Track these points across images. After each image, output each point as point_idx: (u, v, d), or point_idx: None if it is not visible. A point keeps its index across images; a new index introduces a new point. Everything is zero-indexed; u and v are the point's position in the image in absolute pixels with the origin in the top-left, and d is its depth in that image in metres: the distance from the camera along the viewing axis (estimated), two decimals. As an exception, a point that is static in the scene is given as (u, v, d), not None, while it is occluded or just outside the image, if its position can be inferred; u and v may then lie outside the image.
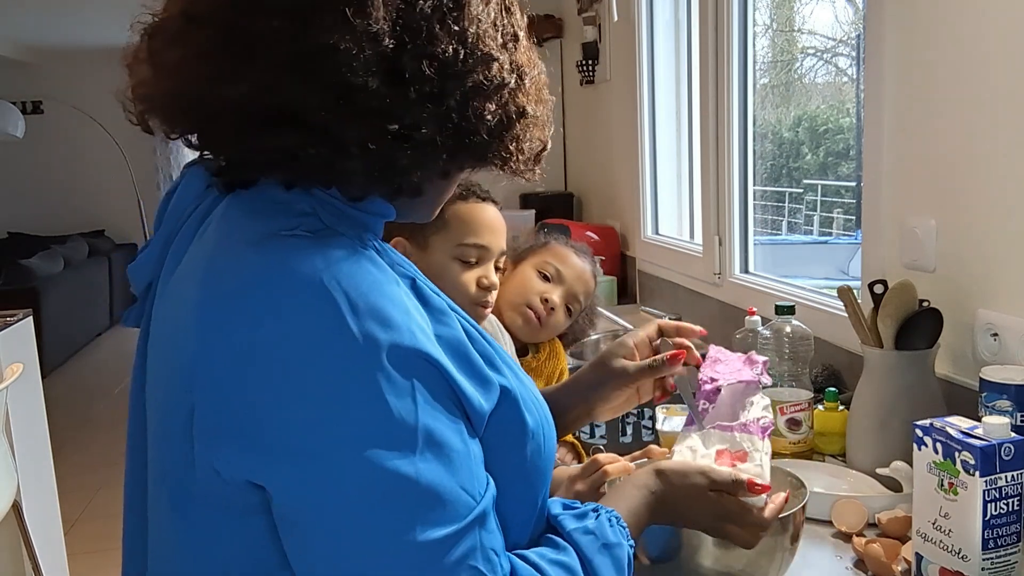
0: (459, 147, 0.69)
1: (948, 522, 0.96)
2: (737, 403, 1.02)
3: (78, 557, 2.99)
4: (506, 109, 0.71)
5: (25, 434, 2.49)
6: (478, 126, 0.69)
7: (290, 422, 0.61)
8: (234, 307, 0.63)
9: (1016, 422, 1.10)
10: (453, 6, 0.67)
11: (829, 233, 3.36)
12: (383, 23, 0.63)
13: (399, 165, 0.67)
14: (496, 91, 0.69)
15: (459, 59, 0.67)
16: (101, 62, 7.75)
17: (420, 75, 0.65)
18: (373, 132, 0.65)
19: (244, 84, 0.64)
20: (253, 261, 0.65)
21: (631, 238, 3.09)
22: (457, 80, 0.67)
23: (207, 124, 0.69)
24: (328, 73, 0.63)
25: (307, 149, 0.65)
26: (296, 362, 0.61)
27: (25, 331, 2.59)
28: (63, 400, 5.05)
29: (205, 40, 0.65)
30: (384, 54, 0.64)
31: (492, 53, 0.69)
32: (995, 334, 1.30)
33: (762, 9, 2.49)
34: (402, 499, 0.61)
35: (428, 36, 0.65)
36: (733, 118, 2.28)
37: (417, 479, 0.61)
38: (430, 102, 0.66)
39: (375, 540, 0.61)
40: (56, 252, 6.15)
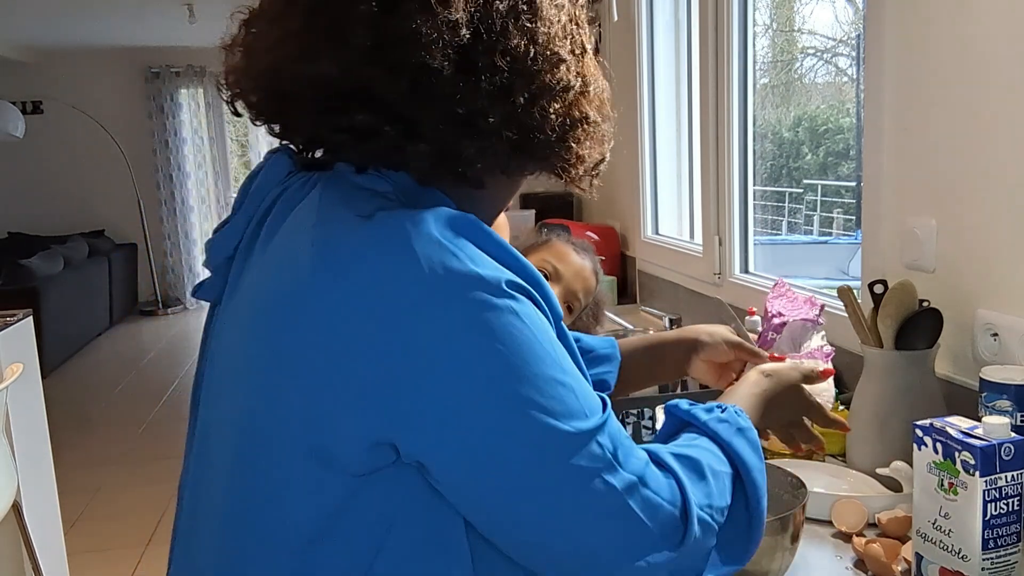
0: (522, 143, 0.72)
1: (948, 522, 0.96)
2: (798, 337, 1.19)
3: (78, 557, 2.99)
4: (570, 112, 0.74)
5: (25, 434, 2.49)
6: (542, 124, 0.72)
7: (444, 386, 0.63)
8: (361, 274, 0.64)
9: (1016, 422, 1.10)
10: (527, 7, 0.71)
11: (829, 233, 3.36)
12: (463, 14, 0.67)
13: (464, 153, 0.71)
14: (562, 92, 0.73)
15: (529, 56, 0.70)
16: (101, 62, 7.76)
17: (492, 67, 0.69)
18: (443, 116, 0.69)
19: (327, 63, 0.68)
20: (369, 230, 0.66)
21: (631, 238, 3.09)
22: (526, 76, 0.71)
23: (288, 103, 0.73)
24: (407, 57, 0.67)
25: (381, 128, 0.69)
26: (438, 324, 0.63)
27: (25, 331, 2.59)
28: (63, 400, 5.05)
29: (297, 21, 0.69)
30: (461, 44, 0.67)
31: (561, 55, 0.73)
32: (995, 334, 1.30)
33: (762, 9, 2.49)
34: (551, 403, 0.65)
35: (502, 31, 0.69)
36: (733, 118, 2.28)
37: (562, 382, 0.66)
38: (499, 94, 0.69)
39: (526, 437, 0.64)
40: (56, 252, 6.14)
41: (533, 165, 0.77)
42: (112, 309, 7.12)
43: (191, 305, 8.07)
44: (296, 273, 0.68)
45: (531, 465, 0.65)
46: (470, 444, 0.64)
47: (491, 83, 0.69)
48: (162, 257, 8.06)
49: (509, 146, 0.72)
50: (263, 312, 0.69)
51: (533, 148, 0.73)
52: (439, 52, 0.67)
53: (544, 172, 0.78)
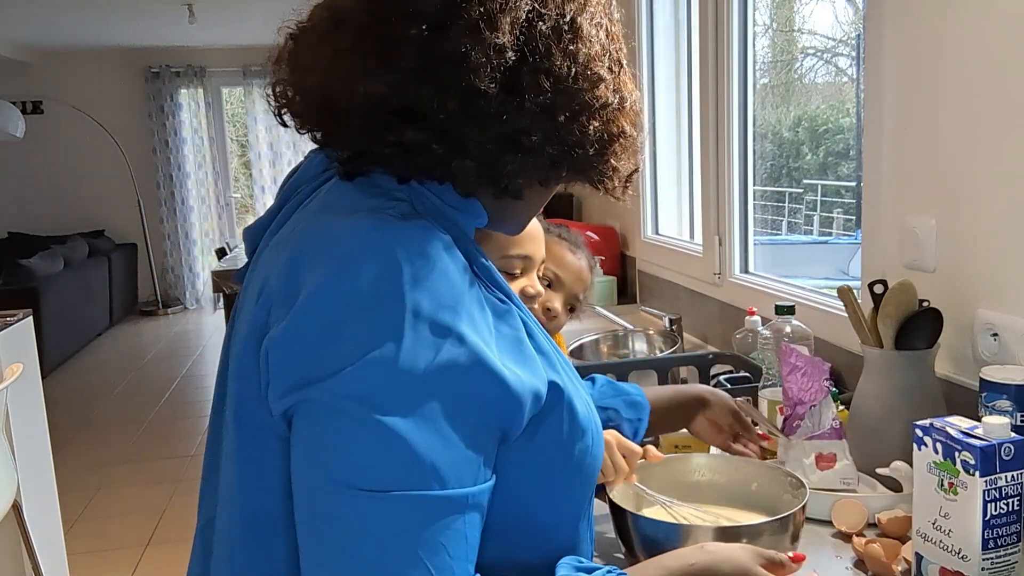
0: (562, 157, 0.75)
1: (948, 522, 0.96)
2: (815, 415, 1.23)
3: (78, 557, 2.99)
4: (608, 128, 0.77)
5: (25, 434, 2.49)
6: (582, 140, 0.75)
7: (325, 353, 0.65)
8: (316, 261, 0.69)
9: (1016, 422, 1.10)
10: (569, 29, 0.73)
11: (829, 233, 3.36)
12: (508, 37, 0.70)
13: (507, 168, 0.74)
14: (601, 110, 0.76)
15: (571, 76, 0.73)
16: (101, 62, 7.76)
17: (536, 88, 0.72)
18: (489, 135, 0.72)
19: (377, 83, 0.70)
20: (342, 226, 0.70)
21: (631, 238, 3.09)
22: (568, 95, 0.73)
23: (337, 119, 0.75)
24: (455, 78, 0.69)
25: (429, 145, 0.72)
26: (349, 310, 0.65)
27: (25, 331, 2.59)
28: (63, 400, 5.05)
29: (347, 41, 0.72)
30: (506, 66, 0.70)
31: (601, 74, 0.75)
32: (995, 334, 1.30)
33: (762, 9, 2.49)
34: (383, 447, 0.64)
35: (546, 53, 0.72)
36: (733, 118, 2.28)
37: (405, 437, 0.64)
38: (542, 113, 0.72)
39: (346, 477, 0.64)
40: (56, 252, 6.14)
41: (571, 177, 0.80)
42: (112, 309, 7.12)
43: (191, 305, 8.08)
44: (276, 266, 0.72)
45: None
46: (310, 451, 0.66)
47: (535, 103, 0.72)
48: (162, 257, 8.06)
49: (550, 161, 0.75)
50: (254, 298, 0.74)
51: (572, 162, 0.76)
52: (486, 74, 0.69)
53: (581, 181, 0.81)
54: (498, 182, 0.75)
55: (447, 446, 0.65)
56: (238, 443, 0.73)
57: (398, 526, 0.63)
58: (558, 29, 0.73)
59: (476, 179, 0.75)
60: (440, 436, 0.65)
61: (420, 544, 0.64)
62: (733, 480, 1.12)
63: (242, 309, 0.78)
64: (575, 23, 0.74)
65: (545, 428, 0.73)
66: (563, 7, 0.74)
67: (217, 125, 8.09)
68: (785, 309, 1.61)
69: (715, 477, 1.12)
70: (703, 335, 2.34)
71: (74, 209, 7.87)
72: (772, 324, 1.62)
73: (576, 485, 0.78)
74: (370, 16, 0.71)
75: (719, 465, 1.14)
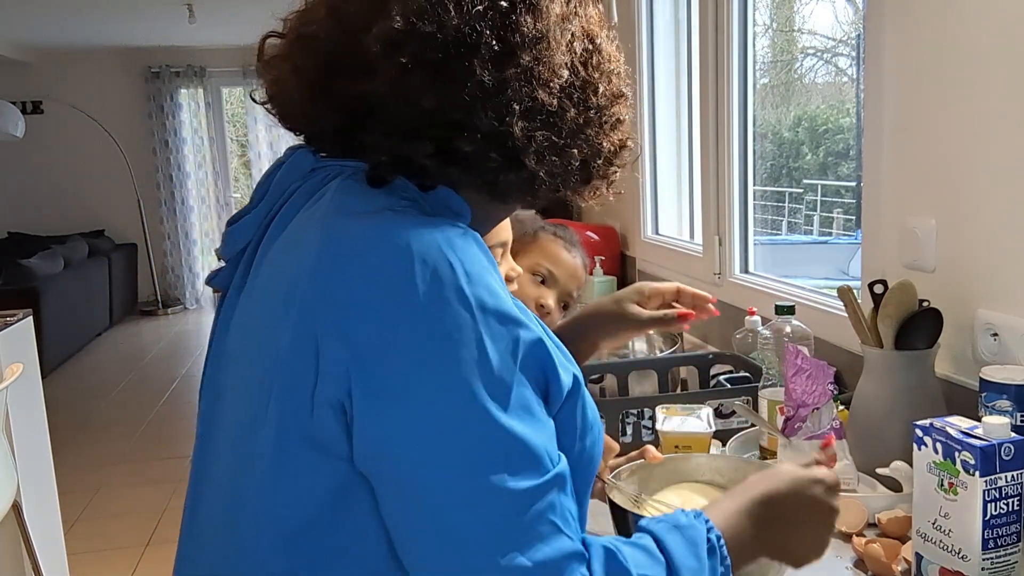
0: (581, 168, 0.79)
1: (948, 522, 0.96)
2: (817, 413, 1.23)
3: (78, 557, 2.99)
4: (623, 141, 0.82)
5: (25, 434, 2.49)
6: (599, 151, 0.80)
7: (402, 368, 0.65)
8: (362, 267, 0.68)
9: (1016, 422, 1.10)
10: (594, 48, 0.79)
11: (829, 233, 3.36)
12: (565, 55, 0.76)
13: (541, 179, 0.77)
14: (619, 124, 0.81)
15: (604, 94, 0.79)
16: (101, 62, 7.76)
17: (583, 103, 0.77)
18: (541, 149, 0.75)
19: (441, 96, 0.72)
20: (375, 227, 0.70)
21: (631, 238, 3.09)
22: (600, 111, 0.79)
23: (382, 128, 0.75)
24: (522, 94, 0.73)
25: (487, 156, 0.74)
26: (421, 318, 0.66)
27: (25, 331, 2.59)
28: (63, 400, 5.05)
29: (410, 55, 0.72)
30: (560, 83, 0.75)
31: (623, 90, 0.81)
32: (995, 334, 1.30)
33: (762, 9, 2.49)
34: (494, 446, 0.65)
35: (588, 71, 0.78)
36: (733, 118, 2.28)
37: (510, 430, 0.65)
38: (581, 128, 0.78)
39: (464, 482, 0.65)
40: (56, 252, 6.14)
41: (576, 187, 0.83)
42: (112, 309, 7.12)
43: (191, 305, 8.08)
44: (302, 262, 0.71)
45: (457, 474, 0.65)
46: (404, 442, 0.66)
47: (578, 119, 0.76)
48: (162, 257, 8.06)
49: (576, 172, 0.79)
50: (272, 301, 0.73)
51: (586, 173, 0.80)
52: (549, 90, 0.73)
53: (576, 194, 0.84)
54: (533, 192, 0.79)
55: (543, 427, 0.68)
56: (276, 457, 0.71)
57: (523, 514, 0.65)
58: (589, 50, 0.78)
59: (517, 190, 0.78)
60: (535, 419, 0.68)
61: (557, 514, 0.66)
62: (733, 480, 1.11)
63: (257, 316, 0.76)
64: (597, 43, 0.79)
65: (563, 418, 0.74)
66: (589, 29, 0.79)
67: (217, 125, 8.09)
68: (785, 309, 1.60)
69: (715, 477, 1.12)
70: (703, 335, 2.34)
71: (74, 209, 7.87)
72: (772, 324, 1.62)
73: (583, 475, 0.78)
74: (437, 32, 0.71)
75: (719, 465, 1.14)
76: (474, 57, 0.71)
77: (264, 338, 0.73)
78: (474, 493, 0.64)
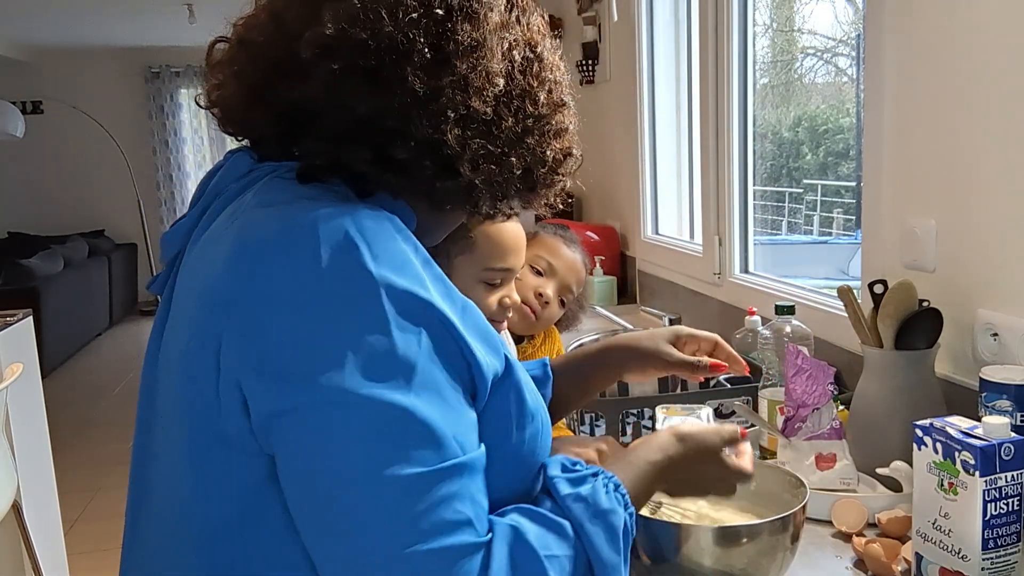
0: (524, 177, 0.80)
1: (948, 522, 0.96)
2: (817, 414, 1.24)
3: (78, 557, 2.99)
4: (566, 149, 0.83)
5: (25, 434, 2.49)
6: (543, 159, 0.80)
7: (304, 349, 0.65)
8: (266, 250, 0.68)
9: (1016, 422, 1.10)
10: (536, 57, 0.80)
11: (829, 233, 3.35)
12: (500, 63, 0.76)
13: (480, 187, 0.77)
14: (562, 132, 0.82)
15: (544, 103, 0.79)
16: (101, 62, 7.76)
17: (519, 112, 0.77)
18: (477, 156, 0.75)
19: (374, 104, 0.72)
20: (285, 214, 0.70)
21: (631, 238, 3.09)
22: (541, 120, 0.79)
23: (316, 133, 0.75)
24: (456, 102, 0.73)
25: (421, 164, 0.74)
26: (317, 297, 0.65)
27: (25, 331, 2.59)
28: (63, 400, 5.05)
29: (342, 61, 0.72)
30: (496, 91, 0.75)
31: (565, 99, 0.82)
32: (995, 334, 1.30)
33: (762, 9, 2.49)
34: (393, 428, 0.64)
35: (526, 80, 0.78)
36: (733, 118, 2.28)
37: (412, 410, 0.64)
38: (519, 136, 0.78)
39: (354, 466, 0.63)
40: (56, 252, 6.14)
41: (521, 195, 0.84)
42: (112, 309, 7.12)
43: (191, 305, 8.07)
44: (216, 259, 0.71)
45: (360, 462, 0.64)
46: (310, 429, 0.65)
47: (515, 127, 0.76)
48: (162, 257, 8.06)
49: (517, 180, 0.79)
50: (188, 301, 0.73)
51: (529, 181, 0.80)
52: (483, 99, 0.73)
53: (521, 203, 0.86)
54: (471, 201, 0.78)
55: (452, 412, 0.67)
56: (192, 456, 0.71)
57: (419, 501, 0.63)
58: (530, 59, 0.78)
59: (454, 197, 0.77)
60: (445, 403, 0.67)
61: (464, 502, 0.65)
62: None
63: (178, 317, 0.76)
64: (537, 52, 0.79)
65: (494, 406, 0.73)
66: (530, 38, 0.79)
67: (217, 125, 8.08)
68: (785, 309, 1.60)
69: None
70: (703, 335, 2.34)
71: (74, 209, 7.87)
72: (772, 324, 1.62)
73: (526, 468, 0.78)
74: (370, 39, 0.72)
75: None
76: (407, 64, 0.71)
77: (182, 339, 0.73)
78: (365, 478, 0.63)
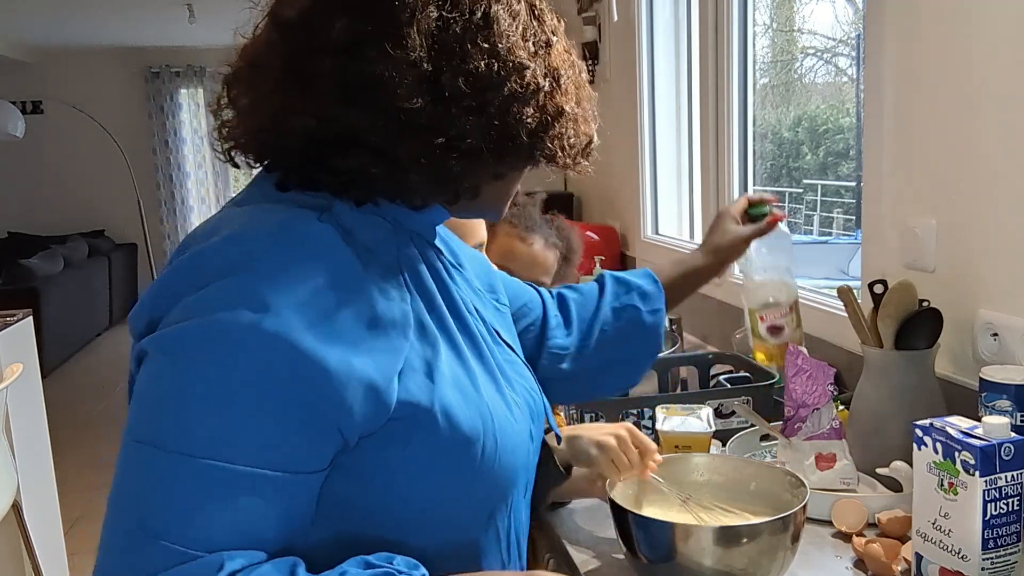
0: (504, 151, 0.75)
1: (948, 522, 0.96)
2: (817, 414, 1.24)
3: (78, 557, 2.99)
4: (544, 111, 0.76)
5: (25, 434, 2.49)
6: (518, 130, 0.75)
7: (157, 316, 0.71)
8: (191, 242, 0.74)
9: (1016, 422, 1.10)
10: (483, 24, 0.73)
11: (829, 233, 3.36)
12: (420, 50, 0.71)
13: (453, 173, 0.74)
14: (532, 96, 0.75)
15: (493, 72, 0.73)
16: (101, 62, 7.76)
17: (459, 91, 0.72)
18: (424, 147, 0.72)
19: (307, 116, 0.73)
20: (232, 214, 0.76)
21: (631, 238, 3.09)
22: (494, 91, 0.73)
23: (283, 155, 0.77)
24: (378, 100, 0.71)
25: (370, 169, 0.73)
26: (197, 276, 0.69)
27: (25, 331, 2.59)
28: (63, 400, 5.05)
29: (269, 83, 0.75)
30: (424, 76, 0.71)
31: (524, 62, 0.74)
32: (995, 334, 1.30)
33: (762, 9, 2.49)
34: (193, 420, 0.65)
35: (462, 55, 0.72)
36: (733, 118, 2.28)
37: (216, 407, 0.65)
38: (472, 114, 0.72)
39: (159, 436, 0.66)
40: (56, 252, 6.14)
41: (522, 164, 0.81)
42: (112, 309, 7.12)
43: (191, 305, 8.07)
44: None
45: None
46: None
47: (462, 106, 0.72)
48: (162, 257, 8.05)
49: (492, 156, 0.75)
50: None
51: (515, 152, 0.76)
52: (405, 91, 0.70)
53: (536, 166, 0.81)
54: (448, 188, 0.76)
55: (254, 421, 0.65)
56: None
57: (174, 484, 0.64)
58: (470, 28, 0.73)
59: (425, 191, 0.76)
60: (246, 410, 0.65)
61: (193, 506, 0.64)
62: (732, 480, 1.12)
63: None
64: (489, 17, 0.74)
65: (418, 438, 0.72)
66: (473, 5, 0.73)
67: (217, 125, 8.09)
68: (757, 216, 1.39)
69: (714, 477, 1.12)
70: (703, 335, 2.34)
71: (74, 209, 7.87)
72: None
73: (478, 490, 0.77)
74: (285, 56, 0.73)
75: (718, 465, 1.14)
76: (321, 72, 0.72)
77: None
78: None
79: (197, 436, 0.65)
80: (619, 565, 1.11)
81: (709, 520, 1.04)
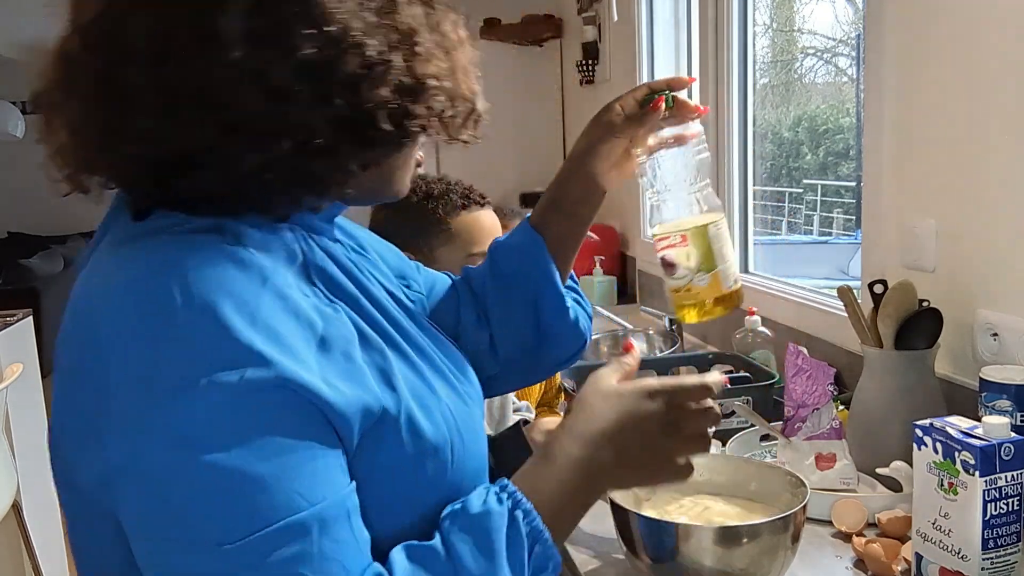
0: (366, 140, 0.65)
1: (948, 522, 0.96)
2: (817, 414, 1.25)
3: (78, 557, 2.98)
4: (401, 88, 0.65)
5: (25, 434, 2.49)
6: (375, 115, 0.64)
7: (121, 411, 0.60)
8: (84, 305, 0.65)
9: (1016, 422, 1.10)
10: (302, 11, 0.62)
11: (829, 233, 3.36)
12: (236, 45, 0.60)
13: (315, 174, 0.65)
14: (381, 75, 0.64)
15: (327, 55, 0.62)
16: (101, 62, 7.76)
17: (292, 87, 0.61)
18: (270, 157, 0.63)
19: (133, 138, 0.63)
20: (114, 258, 0.67)
21: (631, 238, 3.09)
22: (333, 78, 0.62)
23: (127, 180, 0.69)
24: (204, 111, 0.61)
25: (218, 190, 0.64)
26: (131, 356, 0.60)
27: (25, 331, 2.59)
28: (63, 400, 5.04)
29: (85, 106, 0.65)
30: (249, 74, 0.61)
31: (361, 38, 0.63)
32: (995, 334, 1.30)
33: (762, 9, 2.49)
34: (215, 493, 0.58)
35: (287, 43, 0.61)
36: (733, 118, 2.28)
37: (243, 470, 0.58)
38: (314, 108, 0.62)
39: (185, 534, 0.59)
40: (56, 252, 6.15)
41: (394, 149, 0.70)
42: (112, 309, 7.10)
43: (191, 305, 8.06)
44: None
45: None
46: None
47: (300, 102, 0.62)
48: (162, 257, 8.05)
49: (356, 148, 0.65)
50: None
51: (383, 138, 0.66)
52: (232, 97, 0.61)
53: (417, 142, 0.72)
54: (314, 189, 0.67)
55: (291, 463, 0.60)
56: (70, 523, 0.68)
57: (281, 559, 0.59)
58: (289, 9, 0.61)
59: (290, 197, 0.67)
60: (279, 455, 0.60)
61: (309, 565, 0.59)
62: (732, 480, 1.12)
63: None
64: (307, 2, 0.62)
65: (385, 448, 0.67)
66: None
67: (217, 125, 8.08)
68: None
69: (714, 477, 1.12)
70: (703, 335, 2.34)
71: (74, 209, 7.82)
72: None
73: (438, 501, 0.71)
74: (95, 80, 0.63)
75: (718, 465, 1.14)
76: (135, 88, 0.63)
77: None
78: (197, 549, 0.58)
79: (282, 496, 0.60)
80: (619, 565, 1.11)
81: (709, 520, 1.04)
